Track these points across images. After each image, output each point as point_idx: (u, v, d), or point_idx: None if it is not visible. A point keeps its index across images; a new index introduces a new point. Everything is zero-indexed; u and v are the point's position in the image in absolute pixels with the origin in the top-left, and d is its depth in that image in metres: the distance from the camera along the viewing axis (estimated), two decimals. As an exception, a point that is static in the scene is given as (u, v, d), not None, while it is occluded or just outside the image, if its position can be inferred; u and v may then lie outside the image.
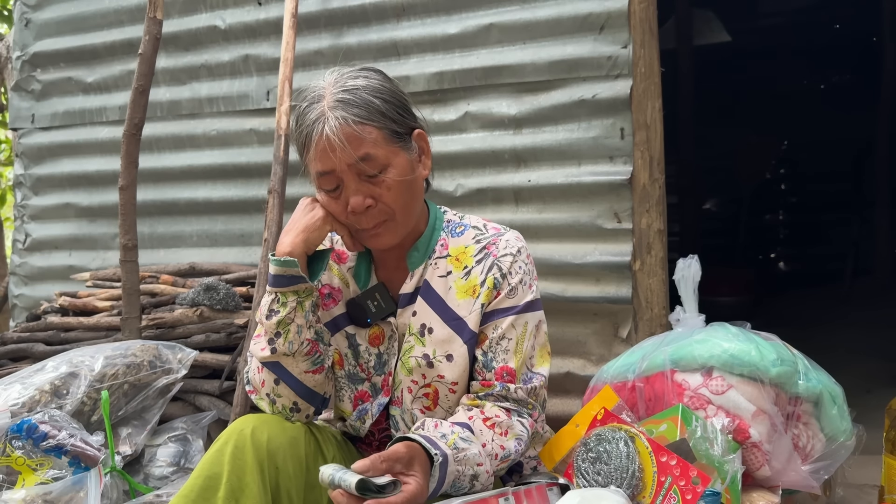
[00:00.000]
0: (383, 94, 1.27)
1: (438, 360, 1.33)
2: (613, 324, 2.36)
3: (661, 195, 2.29)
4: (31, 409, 1.82)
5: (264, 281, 2.28)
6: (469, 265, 1.35)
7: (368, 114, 1.24)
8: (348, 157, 1.22)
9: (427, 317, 1.34)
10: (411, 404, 1.35)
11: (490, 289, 1.32)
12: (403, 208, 1.29)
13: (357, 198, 1.25)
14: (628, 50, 2.31)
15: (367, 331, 1.38)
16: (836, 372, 1.63)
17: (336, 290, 1.42)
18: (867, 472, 1.96)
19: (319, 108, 1.24)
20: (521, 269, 1.34)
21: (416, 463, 1.10)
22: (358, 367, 1.39)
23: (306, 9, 2.73)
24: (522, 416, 1.32)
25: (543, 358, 1.37)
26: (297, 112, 1.28)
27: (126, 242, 2.36)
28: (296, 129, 1.28)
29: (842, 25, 7.25)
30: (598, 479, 1.31)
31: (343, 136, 1.21)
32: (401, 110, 1.30)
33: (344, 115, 1.22)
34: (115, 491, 1.83)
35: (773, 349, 1.53)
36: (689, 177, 6.58)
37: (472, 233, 1.39)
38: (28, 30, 3.33)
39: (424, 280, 1.36)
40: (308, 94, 1.28)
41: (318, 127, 1.22)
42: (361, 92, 1.25)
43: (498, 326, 1.32)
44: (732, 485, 1.35)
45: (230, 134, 2.92)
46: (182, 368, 2.07)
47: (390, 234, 1.30)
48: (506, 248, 1.35)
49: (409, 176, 1.29)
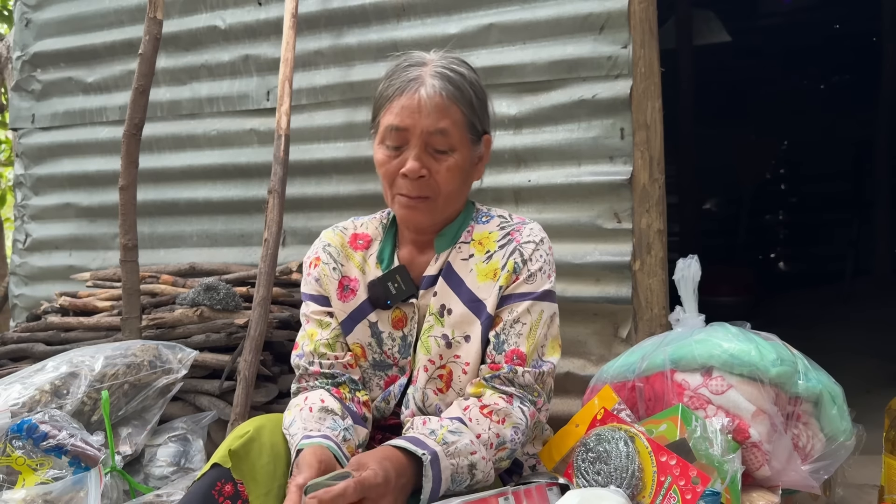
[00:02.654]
0: (478, 90, 1.35)
1: (457, 340, 1.35)
2: (613, 324, 2.36)
3: (661, 195, 2.29)
4: (32, 409, 1.82)
5: (264, 281, 2.28)
6: (492, 249, 1.38)
7: (462, 97, 1.31)
8: (429, 124, 1.28)
9: (447, 298, 1.36)
10: (425, 384, 1.35)
11: (510, 272, 1.34)
12: (448, 194, 1.33)
13: (415, 163, 1.29)
14: (628, 50, 2.31)
15: (389, 315, 1.39)
16: (836, 372, 1.63)
17: (353, 280, 1.43)
18: (867, 472, 1.96)
19: (419, 71, 1.30)
20: (541, 257, 1.37)
21: (369, 460, 1.10)
22: (383, 354, 1.40)
23: (306, 9, 2.73)
24: (524, 404, 1.31)
25: (554, 349, 1.38)
26: (392, 68, 1.34)
27: (126, 242, 2.36)
28: (385, 81, 1.34)
29: (842, 25, 7.25)
30: (598, 479, 1.31)
31: (433, 103, 1.27)
32: (484, 111, 1.38)
33: (443, 85, 1.29)
34: (116, 491, 1.83)
35: (773, 349, 1.53)
36: (689, 177, 6.58)
37: (497, 221, 1.43)
38: (28, 30, 3.33)
39: (447, 262, 1.38)
40: (409, 57, 1.35)
41: (414, 86, 1.28)
42: (463, 79, 1.32)
43: (514, 310, 1.34)
44: (732, 484, 1.35)
45: (230, 134, 2.92)
46: (182, 368, 2.07)
47: (426, 212, 1.34)
48: (529, 235, 1.38)
49: (466, 167, 1.35)
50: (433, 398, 1.35)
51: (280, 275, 2.52)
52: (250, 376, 2.17)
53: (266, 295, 2.26)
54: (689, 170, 6.54)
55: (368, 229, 1.48)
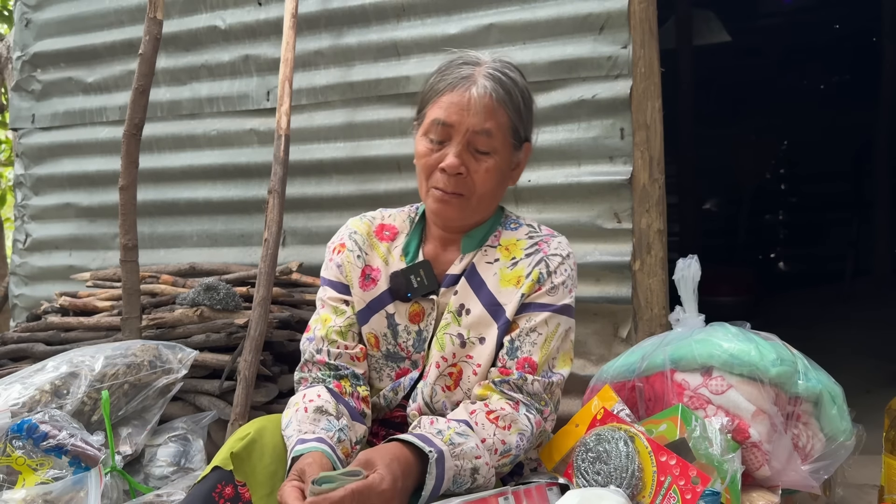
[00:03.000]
0: (526, 98, 1.38)
1: (472, 341, 1.36)
2: (613, 324, 2.36)
3: (661, 195, 2.29)
4: (32, 408, 1.81)
5: (264, 281, 2.28)
6: (518, 257, 1.39)
7: (510, 101, 1.33)
8: (475, 123, 1.29)
9: (467, 298, 1.37)
10: (435, 380, 1.36)
11: (533, 281, 1.36)
12: (482, 195, 1.35)
13: (456, 160, 1.30)
14: (628, 50, 2.31)
15: (407, 308, 1.40)
16: (836, 372, 1.63)
17: (375, 269, 1.43)
18: (867, 472, 1.96)
19: (472, 70, 1.32)
20: (566, 272, 1.39)
21: (378, 461, 1.10)
22: (397, 347, 1.41)
23: (306, 9, 2.73)
24: (531, 411, 1.31)
25: (566, 361, 1.39)
26: (445, 64, 1.36)
27: (126, 242, 2.36)
28: (436, 75, 1.35)
29: (842, 25, 7.25)
30: (598, 478, 1.31)
31: (482, 103, 1.29)
32: (530, 119, 1.41)
33: (494, 87, 1.31)
34: (116, 491, 1.83)
35: (773, 349, 1.53)
36: (689, 177, 6.58)
37: (525, 229, 1.44)
38: (28, 30, 3.33)
39: (472, 264, 1.39)
40: (463, 55, 1.37)
41: (465, 84, 1.30)
42: (514, 85, 1.34)
43: (532, 319, 1.35)
44: (732, 484, 1.35)
45: (230, 134, 2.92)
46: (182, 368, 2.07)
47: (458, 209, 1.35)
48: (557, 248, 1.40)
49: (503, 171, 1.36)
50: (441, 395, 1.36)
51: (280, 275, 2.52)
52: (250, 376, 2.17)
53: (266, 295, 2.26)
54: (689, 170, 6.54)
55: (396, 221, 1.49)
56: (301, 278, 2.60)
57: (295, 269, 2.60)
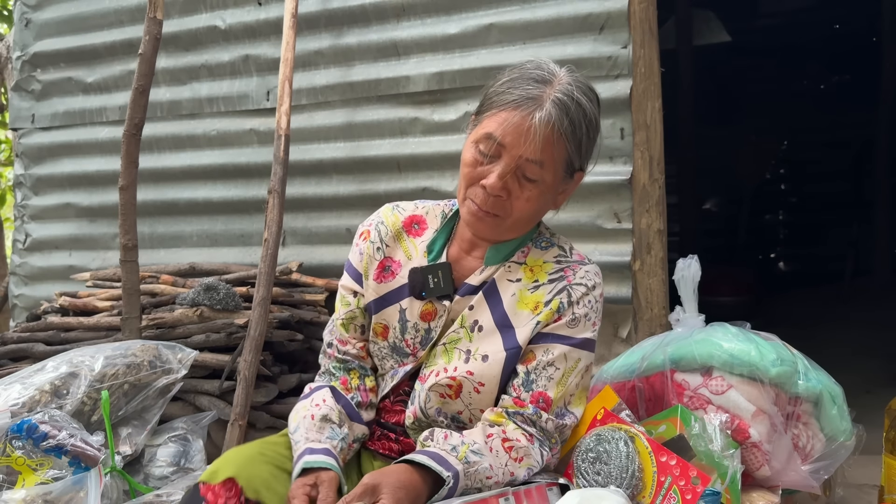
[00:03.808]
0: (592, 128, 1.28)
1: (476, 357, 1.31)
2: (613, 324, 2.36)
3: (661, 195, 2.29)
4: (32, 409, 1.81)
5: (264, 281, 2.28)
6: (541, 280, 1.33)
7: (573, 135, 1.24)
8: (529, 152, 1.21)
9: (482, 314, 1.33)
10: (430, 387, 1.33)
11: (553, 311, 1.30)
12: (519, 219, 1.29)
13: (498, 181, 1.23)
14: (628, 50, 2.31)
15: (420, 305, 1.36)
16: (836, 372, 1.62)
17: (396, 262, 1.40)
18: (867, 472, 1.96)
19: (541, 91, 1.22)
20: (590, 304, 1.32)
21: (384, 490, 1.09)
22: (403, 342, 1.38)
23: (306, 9, 2.73)
24: (544, 447, 1.29)
25: (581, 400, 1.35)
26: (518, 73, 1.27)
27: (126, 242, 2.36)
28: (506, 82, 1.26)
29: (842, 25, 7.25)
30: (598, 479, 1.31)
31: (542, 134, 1.20)
32: (590, 150, 1.31)
33: (559, 117, 1.21)
34: (115, 491, 1.83)
35: (773, 349, 1.53)
36: (689, 177, 6.59)
37: (555, 251, 1.37)
38: (28, 30, 3.33)
39: (493, 279, 1.34)
40: (536, 67, 1.27)
41: (530, 106, 1.21)
42: (582, 113, 1.24)
43: (549, 351, 1.29)
44: (732, 484, 1.35)
45: (230, 134, 2.92)
46: (182, 368, 2.06)
47: (491, 227, 1.29)
48: (583, 278, 1.32)
49: (547, 198, 1.30)
50: (435, 401, 1.33)
51: (280, 275, 2.52)
52: (250, 376, 2.17)
53: (266, 295, 2.26)
54: (689, 170, 6.55)
55: (428, 216, 1.43)
56: (301, 278, 2.60)
57: (295, 269, 2.60)
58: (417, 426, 1.35)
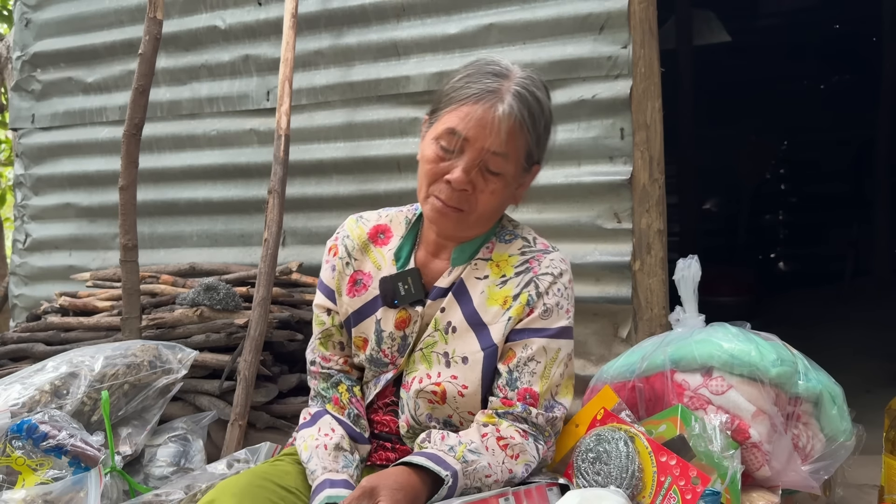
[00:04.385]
0: (548, 121, 1.31)
1: (455, 360, 1.32)
2: (613, 324, 2.36)
3: (661, 195, 2.29)
4: (31, 409, 1.81)
5: (264, 281, 2.28)
6: (507, 274, 1.33)
7: (533, 126, 1.26)
8: (493, 144, 1.22)
9: (454, 315, 1.33)
10: (417, 395, 1.34)
11: (522, 305, 1.30)
12: (483, 213, 1.29)
13: (463, 175, 1.23)
14: (628, 50, 2.31)
15: (394, 314, 1.36)
16: (836, 372, 1.62)
17: (366, 274, 1.40)
18: (867, 472, 1.96)
19: (500, 85, 1.23)
20: (559, 291, 1.32)
21: (382, 493, 1.09)
22: (381, 353, 1.38)
23: (306, 9, 2.73)
24: (538, 441, 1.30)
25: (568, 389, 1.35)
26: (472, 69, 1.27)
27: (126, 242, 2.36)
28: (461, 78, 1.26)
29: (842, 25, 7.25)
30: (598, 479, 1.31)
31: (506, 125, 1.21)
32: (546, 143, 1.33)
33: (521, 109, 1.23)
34: (115, 491, 1.83)
35: (773, 349, 1.53)
36: (689, 177, 6.59)
37: (519, 243, 1.37)
38: (28, 30, 3.33)
39: (461, 279, 1.34)
40: (492, 63, 1.28)
41: (491, 98, 1.22)
42: (541, 108, 1.27)
43: (528, 346, 1.30)
44: (732, 484, 1.35)
45: (230, 134, 2.92)
46: (182, 368, 2.07)
47: (455, 223, 1.29)
48: (548, 267, 1.32)
49: (509, 191, 1.31)
50: (424, 408, 1.34)
51: (280, 275, 2.52)
52: (250, 376, 2.18)
53: (266, 295, 2.26)
54: (689, 170, 6.55)
55: (392, 223, 1.43)
56: (301, 278, 2.60)
57: (295, 269, 2.60)
58: (412, 434, 1.35)
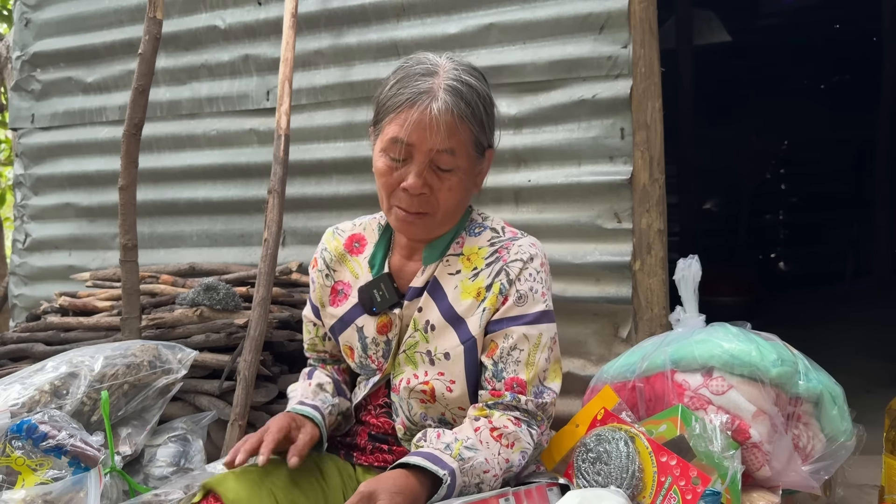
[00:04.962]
0: (487, 105, 1.31)
1: (438, 357, 1.32)
2: (613, 324, 2.36)
3: (661, 195, 2.29)
4: (31, 409, 1.81)
5: (264, 281, 2.28)
6: (479, 267, 1.33)
7: (472, 115, 1.26)
8: (437, 143, 1.23)
9: (431, 314, 1.34)
10: (408, 396, 1.35)
11: (496, 294, 1.30)
12: (447, 211, 1.30)
13: (417, 180, 1.24)
14: (628, 50, 2.31)
15: (375, 320, 1.38)
16: (836, 372, 1.63)
17: (346, 284, 1.43)
18: (867, 472, 1.96)
19: (431, 83, 1.24)
20: (531, 276, 1.31)
21: (382, 493, 1.09)
22: (368, 359, 1.41)
23: (306, 9, 2.73)
24: (532, 427, 1.30)
25: (556, 373, 1.34)
26: (402, 74, 1.28)
27: (126, 242, 2.36)
28: (394, 85, 1.27)
29: (842, 25, 7.25)
30: (598, 479, 1.31)
31: (444, 122, 1.22)
32: (492, 125, 1.34)
33: (455, 102, 1.23)
34: (115, 491, 1.82)
35: (774, 349, 1.53)
36: (689, 177, 6.59)
37: (488, 234, 1.37)
38: (28, 30, 3.33)
39: (434, 276, 1.35)
40: (419, 62, 1.29)
41: (425, 100, 1.22)
42: (475, 94, 1.27)
43: (509, 336, 1.29)
44: (732, 484, 1.35)
45: (230, 134, 2.91)
46: (182, 368, 2.06)
47: (424, 227, 1.31)
48: (517, 253, 1.32)
49: (467, 183, 1.31)
50: (417, 408, 1.35)
51: (280, 275, 2.52)
52: (250, 376, 2.17)
53: (266, 295, 2.26)
54: (689, 170, 6.55)
55: (366, 231, 1.46)
56: (301, 278, 2.60)
57: (295, 269, 2.60)
58: (409, 435, 1.37)
